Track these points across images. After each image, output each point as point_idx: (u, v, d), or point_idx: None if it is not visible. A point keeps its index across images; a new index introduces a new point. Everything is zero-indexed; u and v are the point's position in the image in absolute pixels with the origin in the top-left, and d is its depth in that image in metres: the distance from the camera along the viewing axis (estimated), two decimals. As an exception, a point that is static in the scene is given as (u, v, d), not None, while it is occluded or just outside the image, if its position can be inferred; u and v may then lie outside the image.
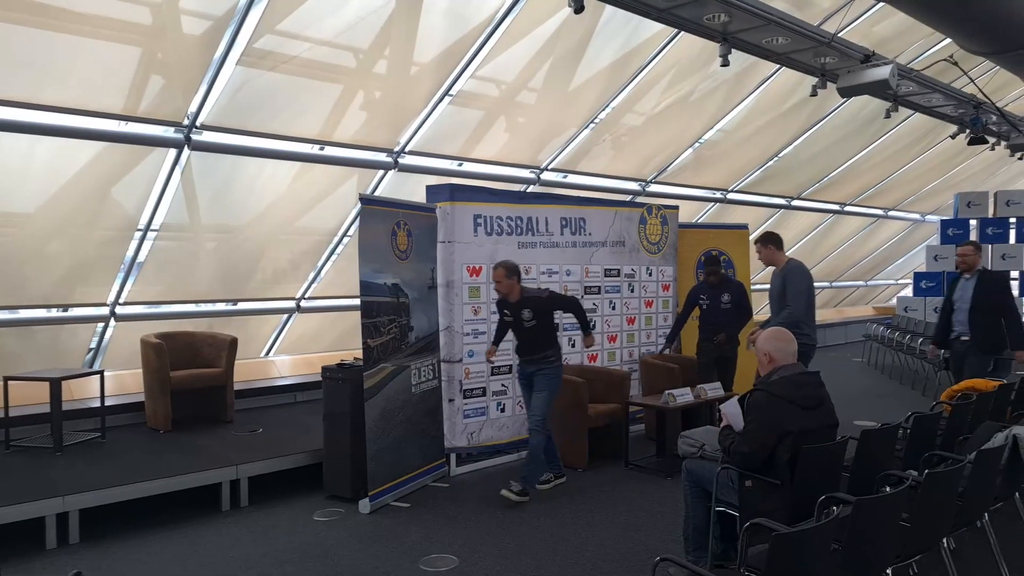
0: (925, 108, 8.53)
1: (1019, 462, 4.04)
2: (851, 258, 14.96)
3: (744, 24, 5.51)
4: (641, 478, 5.75)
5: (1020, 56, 5.97)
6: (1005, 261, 13.08)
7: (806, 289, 5.58)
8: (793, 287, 5.57)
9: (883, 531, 2.99)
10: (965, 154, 11.82)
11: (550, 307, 5.34)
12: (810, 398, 3.58)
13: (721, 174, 9.85)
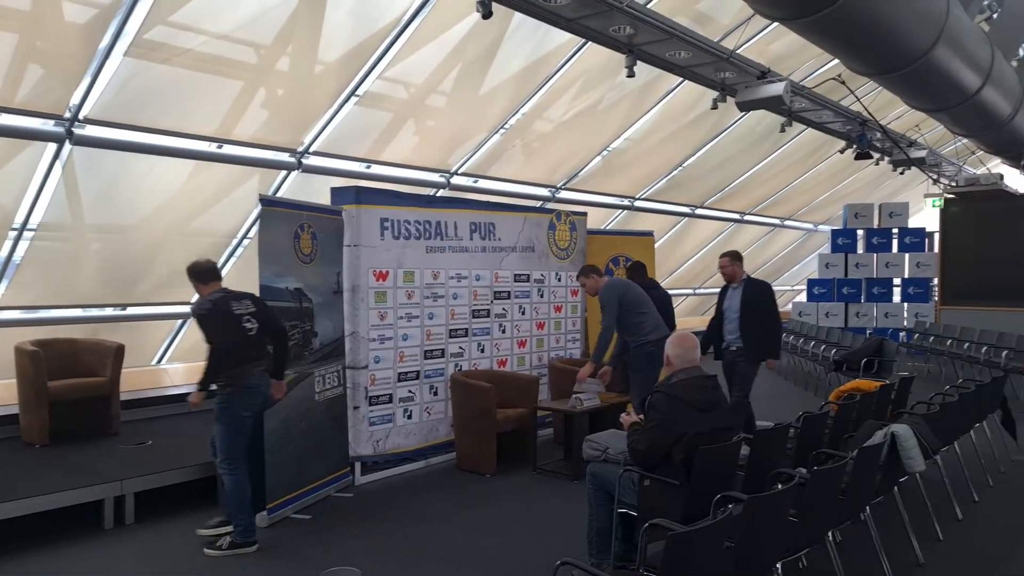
0: (816, 124, 9.00)
1: (897, 458, 4.29)
2: (751, 265, 15.60)
3: (648, 37, 5.65)
4: (549, 482, 5.78)
5: (900, 77, 6.35)
6: (889, 269, 14.00)
7: (614, 305, 5.73)
8: (602, 302, 5.84)
9: (773, 527, 3.10)
10: (853, 168, 12.54)
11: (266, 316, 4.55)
12: (706, 401, 3.71)
13: (628, 182, 10.08)
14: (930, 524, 4.64)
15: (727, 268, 6.28)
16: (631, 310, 5.79)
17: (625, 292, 5.85)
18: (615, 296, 5.78)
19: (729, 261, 6.31)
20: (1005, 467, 6.11)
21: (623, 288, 5.91)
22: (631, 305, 5.80)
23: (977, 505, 5.24)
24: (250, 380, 4.36)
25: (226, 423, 4.36)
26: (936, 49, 5.90)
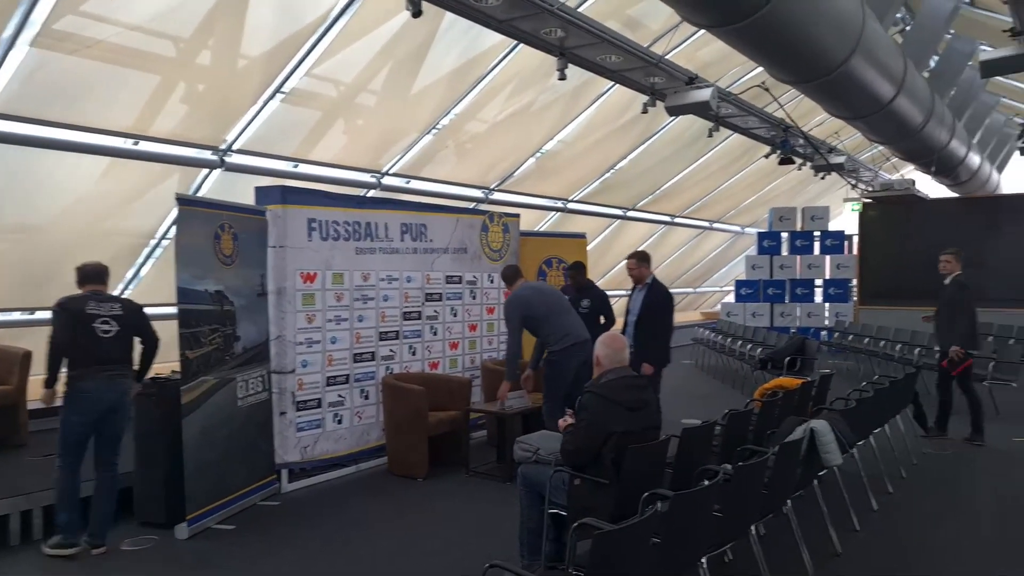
0: (742, 129, 9.26)
1: (817, 453, 4.44)
2: (682, 266, 15.96)
3: (580, 41, 5.70)
4: (482, 485, 5.75)
5: (819, 86, 6.58)
6: (811, 270, 14.51)
7: (516, 323, 5.68)
8: (505, 318, 5.86)
9: (698, 522, 3.15)
10: (777, 172, 12.97)
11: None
12: (635, 400, 3.75)
13: (562, 184, 10.15)
14: (848, 515, 4.80)
15: (634, 270, 6.18)
16: (537, 321, 5.69)
17: (527, 308, 5.70)
18: (517, 314, 5.68)
19: (636, 263, 6.19)
20: (917, 459, 6.39)
21: (524, 305, 5.72)
22: (535, 318, 5.69)
23: (891, 496, 5.46)
24: (85, 383, 4.20)
25: (60, 422, 4.25)
26: (853, 59, 6.14)
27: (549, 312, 5.69)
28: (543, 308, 5.69)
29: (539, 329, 5.73)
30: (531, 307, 5.69)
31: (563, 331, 5.64)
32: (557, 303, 5.84)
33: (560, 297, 5.99)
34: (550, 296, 5.90)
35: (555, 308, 5.75)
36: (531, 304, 5.71)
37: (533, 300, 5.74)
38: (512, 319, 5.69)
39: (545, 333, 5.68)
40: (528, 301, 5.74)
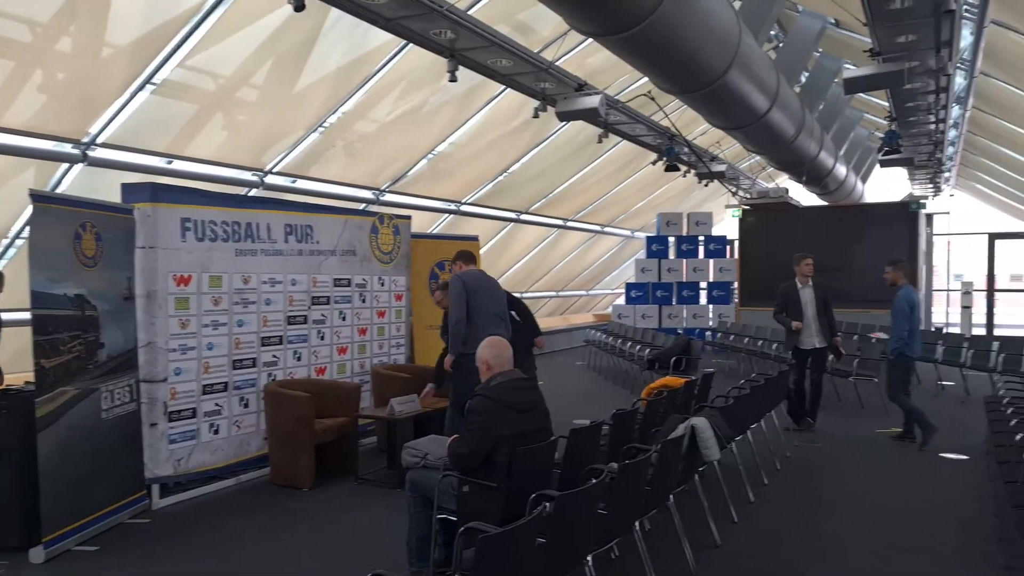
0: (631, 136, 9.52)
1: (697, 449, 4.59)
2: (574, 269, 16.25)
3: (470, 43, 5.68)
4: (371, 492, 5.61)
5: (700, 96, 6.85)
6: (696, 273, 15.13)
7: (460, 295, 5.61)
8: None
9: (583, 521, 3.18)
10: (664, 179, 13.41)
11: None
12: (525, 402, 3.76)
13: (454, 186, 10.10)
14: (726, 508, 5.00)
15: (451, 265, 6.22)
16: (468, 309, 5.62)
17: (467, 288, 5.59)
18: (459, 287, 5.56)
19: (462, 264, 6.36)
20: (790, 452, 6.75)
21: (464, 285, 5.61)
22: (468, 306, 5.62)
23: (767, 487, 5.73)
24: None
25: None
26: (731, 72, 6.43)
27: (479, 307, 5.61)
28: (475, 301, 5.61)
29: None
30: (469, 292, 5.60)
31: (484, 334, 5.58)
32: (491, 304, 5.76)
33: (498, 302, 5.87)
34: (489, 295, 5.80)
35: (486, 308, 5.68)
36: (470, 290, 5.62)
37: (473, 287, 5.66)
38: (455, 292, 5.58)
39: (465, 329, 5.57)
40: (469, 285, 5.65)
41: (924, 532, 4.86)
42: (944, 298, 18.06)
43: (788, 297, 7.64)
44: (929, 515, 5.18)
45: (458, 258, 5.93)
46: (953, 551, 4.54)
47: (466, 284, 5.60)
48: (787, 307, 7.61)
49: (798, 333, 7.52)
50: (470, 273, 5.76)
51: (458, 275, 5.73)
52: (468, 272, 5.76)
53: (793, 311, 7.54)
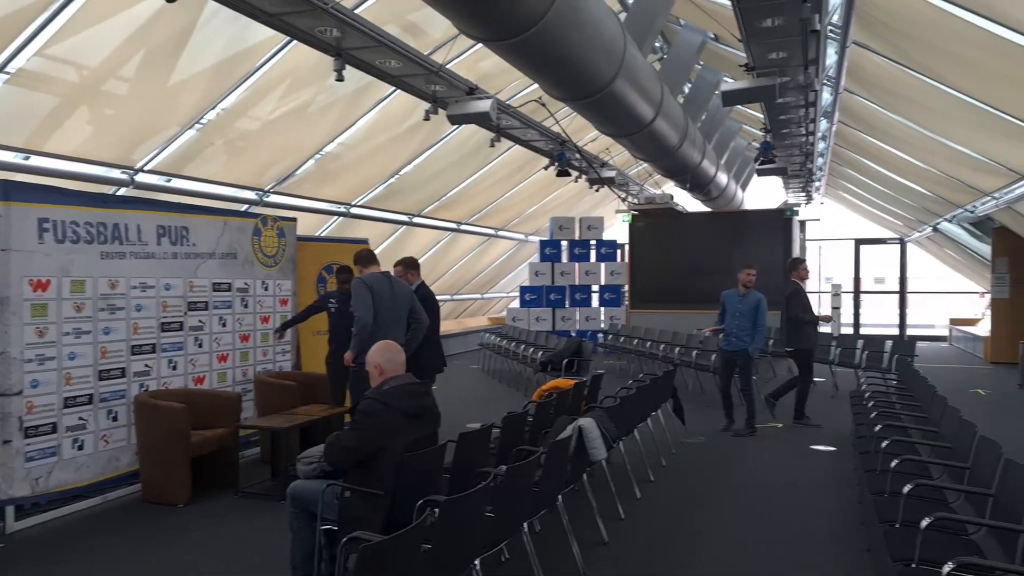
0: (523, 141, 9.61)
1: (584, 449, 4.67)
2: (469, 273, 16.24)
3: (357, 43, 5.56)
4: (253, 506, 5.37)
5: (588, 104, 6.98)
6: (588, 277, 15.47)
7: (364, 295, 5.52)
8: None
9: (470, 525, 3.16)
10: (557, 184, 13.62)
11: None
12: (416, 407, 3.71)
13: (344, 188, 9.85)
14: (614, 506, 5.11)
15: (401, 276, 6.21)
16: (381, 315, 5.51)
17: (371, 291, 5.48)
18: (364, 291, 5.44)
19: (403, 269, 6.29)
20: (676, 448, 6.99)
21: (369, 288, 5.49)
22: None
23: (653, 484, 5.91)
24: None
25: None
26: (617, 82, 6.59)
27: (380, 312, 5.48)
28: (379, 304, 5.48)
29: None
30: (373, 296, 5.47)
31: (385, 338, 5.45)
32: (394, 308, 5.64)
33: (401, 306, 5.74)
34: (392, 299, 5.66)
35: (389, 313, 5.57)
36: (373, 293, 5.49)
37: (377, 289, 5.52)
38: (358, 294, 5.45)
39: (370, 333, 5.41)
40: (372, 288, 5.52)
41: (798, 519, 5.14)
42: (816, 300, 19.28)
43: (805, 299, 8.20)
44: (802, 503, 5.49)
45: (359, 260, 5.82)
46: (823, 536, 4.82)
47: (369, 285, 5.51)
48: (807, 308, 8.14)
49: (812, 334, 8.12)
50: (373, 276, 5.67)
51: (361, 278, 5.63)
52: (371, 275, 5.68)
53: (811, 311, 8.13)
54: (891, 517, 3.49)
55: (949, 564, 2.57)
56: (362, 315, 5.41)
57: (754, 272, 7.94)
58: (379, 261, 5.93)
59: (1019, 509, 2.99)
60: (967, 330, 16.46)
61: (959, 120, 8.13)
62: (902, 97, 8.77)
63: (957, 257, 16.99)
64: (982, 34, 5.76)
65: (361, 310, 5.42)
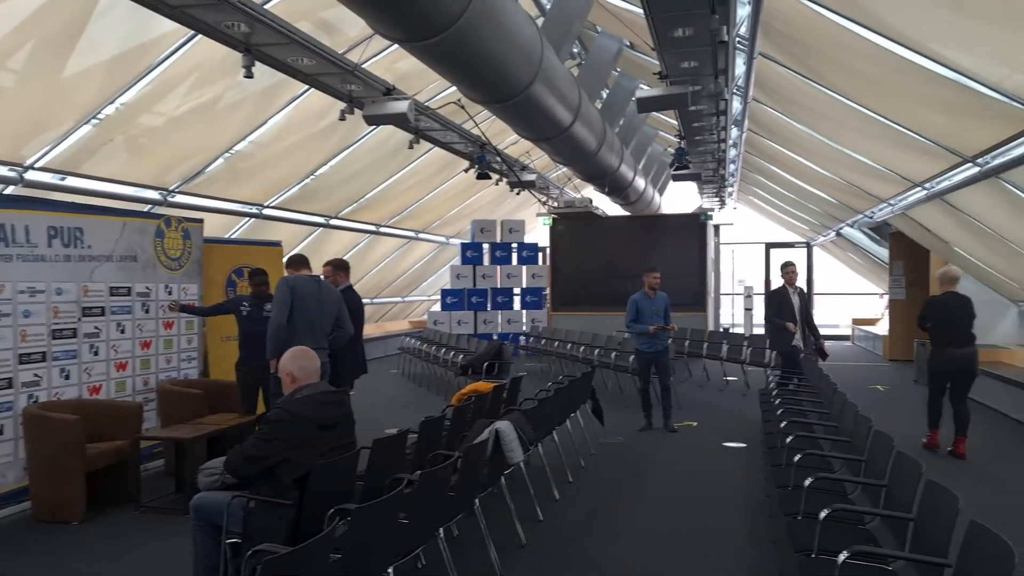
0: (443, 143, 9.55)
1: (502, 452, 4.65)
2: (389, 275, 16.02)
3: (267, 39, 5.39)
4: (156, 520, 5.12)
5: (506, 107, 6.99)
6: (510, 279, 15.53)
7: (284, 297, 5.43)
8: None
9: (382, 533, 3.09)
10: (478, 186, 13.61)
11: None
12: (330, 417, 3.61)
13: (257, 188, 9.53)
14: (533, 508, 5.12)
15: (329, 276, 6.23)
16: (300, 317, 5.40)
17: (292, 292, 5.39)
18: (284, 293, 5.35)
19: (332, 270, 6.30)
20: (595, 449, 7.07)
21: (290, 289, 5.41)
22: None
23: (572, 485, 5.95)
24: None
25: None
26: (534, 86, 6.63)
27: (303, 315, 5.37)
28: (302, 306, 5.37)
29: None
30: (294, 298, 5.36)
31: (299, 343, 5.26)
32: (321, 312, 5.53)
33: (328, 312, 5.61)
34: (318, 304, 5.53)
35: (313, 316, 5.45)
36: (295, 294, 5.38)
37: (301, 291, 5.40)
38: (277, 294, 5.37)
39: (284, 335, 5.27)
40: (294, 289, 5.40)
41: (711, 514, 5.28)
42: (730, 301, 19.96)
43: (782, 301, 8.10)
44: (715, 499, 5.64)
45: (290, 264, 5.74)
46: (735, 530, 4.96)
47: (293, 289, 5.39)
48: (780, 311, 8.05)
49: (791, 336, 7.99)
50: (299, 279, 5.55)
51: (285, 279, 5.53)
52: (297, 277, 5.56)
53: (787, 314, 7.99)
54: (794, 509, 3.61)
55: (844, 553, 2.67)
56: (275, 315, 5.34)
57: (659, 274, 8.09)
58: (311, 267, 5.81)
59: (908, 498, 3.14)
60: (868, 329, 17.35)
61: (859, 131, 8.56)
62: (806, 108, 9.18)
63: (858, 260, 17.92)
64: (877, 49, 6.08)
65: (275, 311, 5.35)
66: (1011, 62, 5.51)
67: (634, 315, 7.96)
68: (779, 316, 8.05)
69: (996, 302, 10.83)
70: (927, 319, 6.92)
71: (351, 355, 6.12)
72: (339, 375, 5.79)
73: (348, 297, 6.12)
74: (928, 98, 6.65)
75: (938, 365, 6.86)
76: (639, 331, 7.93)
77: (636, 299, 8.05)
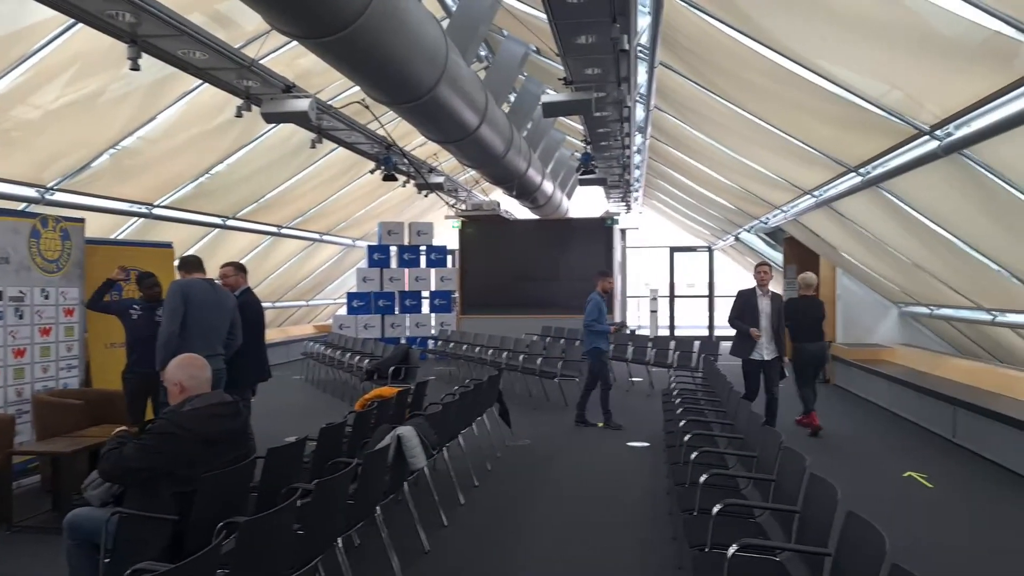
0: (347, 143, 9.34)
1: (404, 458, 4.58)
2: (292, 279, 15.54)
3: (155, 30, 5.12)
4: (30, 541, 4.78)
5: (411, 109, 6.88)
6: (418, 283, 15.39)
7: (176, 304, 5.15)
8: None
9: (275, 545, 2.98)
10: (385, 188, 13.38)
11: None
12: (220, 432, 3.44)
13: (146, 187, 9.01)
14: (437, 513, 5.06)
15: (229, 278, 6.03)
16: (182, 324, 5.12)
17: (185, 298, 5.11)
18: (177, 300, 5.06)
19: (233, 270, 6.11)
20: (501, 452, 7.07)
21: (184, 295, 5.13)
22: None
23: (478, 489, 5.93)
24: None
25: None
26: (439, 87, 6.56)
27: (197, 321, 5.09)
28: (197, 313, 5.09)
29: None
30: (188, 304, 5.08)
31: (196, 351, 4.98)
32: (217, 318, 5.27)
33: (223, 318, 5.34)
34: (216, 307, 5.26)
35: (209, 323, 5.19)
36: (190, 301, 5.09)
37: (195, 297, 5.11)
38: (169, 302, 5.10)
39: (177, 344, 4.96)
40: (190, 297, 5.10)
41: (615, 513, 5.36)
42: (636, 304, 20.48)
43: (746, 303, 7.37)
44: (618, 498, 5.74)
45: (183, 265, 5.43)
46: (637, 527, 5.06)
47: (185, 294, 5.10)
48: (744, 314, 7.34)
49: (753, 343, 7.26)
50: (193, 283, 5.25)
51: (178, 283, 5.23)
52: (191, 282, 5.26)
53: (750, 319, 7.27)
54: (690, 506, 3.71)
55: (733, 547, 2.75)
56: (167, 324, 5.06)
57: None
58: (205, 269, 5.52)
59: (794, 492, 3.27)
60: (764, 329, 18.10)
61: (753, 141, 8.95)
62: (705, 117, 9.52)
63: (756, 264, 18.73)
64: (770, 64, 6.37)
65: (167, 319, 5.07)
66: (890, 79, 5.89)
67: (597, 315, 8.22)
68: (742, 320, 7.36)
69: (879, 304, 11.56)
70: (786, 318, 7.75)
71: (253, 359, 5.88)
72: (240, 380, 5.56)
73: (247, 300, 5.88)
74: (816, 111, 7.02)
75: (797, 357, 8.12)
76: (603, 330, 8.23)
77: (598, 300, 8.31)
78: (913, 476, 6.21)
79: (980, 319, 8.56)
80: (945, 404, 7.60)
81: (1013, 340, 8.53)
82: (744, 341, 7.37)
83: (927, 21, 4.82)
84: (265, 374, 6.23)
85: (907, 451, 7.22)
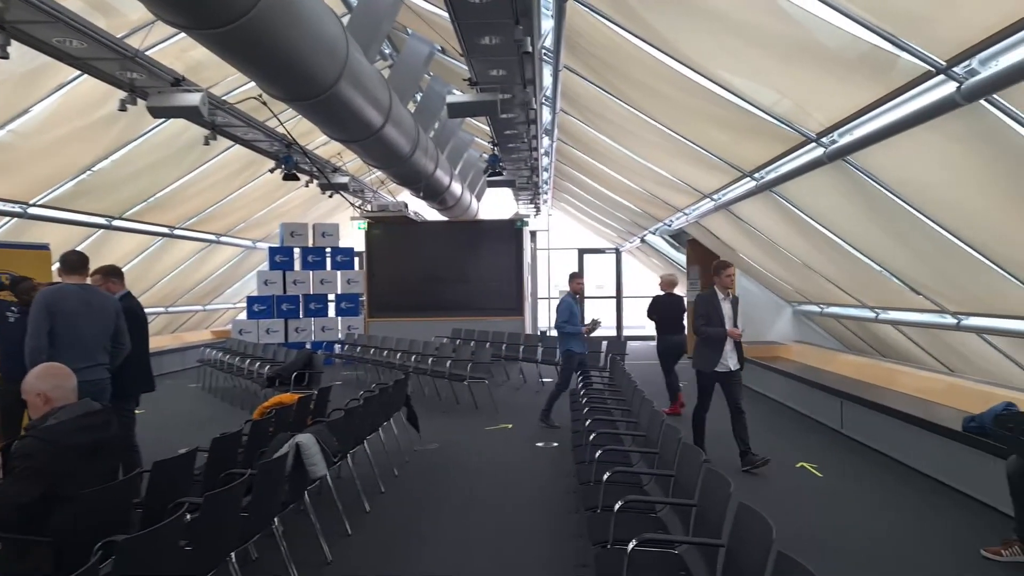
0: (244, 141, 8.98)
1: (303, 467, 4.41)
2: (186, 282, 14.81)
3: (26, 15, 4.78)
4: None
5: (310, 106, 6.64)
6: (324, 285, 14.99)
7: (39, 318, 4.72)
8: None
9: (158, 564, 2.79)
10: (288, 188, 12.97)
11: None
12: (92, 443, 3.22)
13: (20, 184, 8.35)
14: (341, 522, 4.90)
15: (100, 286, 5.44)
16: (53, 334, 4.68)
17: (52, 307, 4.66)
18: (42, 311, 4.62)
19: (102, 278, 5.53)
20: (408, 457, 6.95)
21: (51, 303, 4.68)
22: (52, 330, 4.67)
23: (384, 495, 5.79)
24: None
25: None
26: (340, 85, 6.36)
27: (70, 331, 4.68)
28: (67, 323, 4.68)
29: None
30: (53, 315, 4.65)
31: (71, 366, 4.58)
32: (93, 326, 4.85)
33: (102, 324, 4.91)
34: (89, 315, 4.83)
35: (84, 332, 4.78)
36: (55, 312, 4.66)
37: (63, 308, 4.69)
38: (32, 315, 4.65)
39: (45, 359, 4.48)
40: (55, 306, 4.67)
41: (521, 514, 5.35)
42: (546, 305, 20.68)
43: (712, 308, 6.45)
44: (526, 498, 5.73)
45: (64, 265, 4.96)
46: (543, 527, 5.07)
47: (49, 305, 4.66)
48: (711, 319, 6.44)
49: (720, 354, 6.39)
50: (60, 292, 4.79)
51: (42, 293, 4.77)
52: (58, 290, 4.81)
53: (717, 324, 6.42)
54: (594, 503, 3.73)
55: (632, 542, 2.77)
56: (32, 339, 4.58)
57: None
58: (88, 270, 5.07)
59: (692, 486, 3.34)
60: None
61: (656, 145, 9.19)
62: (609, 121, 9.70)
63: (661, 265, 19.31)
64: (669, 70, 6.54)
65: (31, 335, 4.60)
66: (781, 88, 6.16)
67: (567, 316, 8.30)
68: (710, 326, 6.46)
69: (774, 303, 12.10)
70: (652, 313, 9.15)
71: (136, 369, 5.49)
72: (122, 391, 5.19)
73: (126, 306, 5.44)
74: (714, 118, 7.26)
75: (662, 348, 9.19)
76: (575, 332, 8.33)
77: (569, 302, 8.41)
78: (805, 466, 6.51)
79: (865, 316, 9.11)
80: (834, 397, 8.02)
81: (894, 336, 9.13)
82: (712, 352, 6.42)
83: (812, 34, 5.06)
84: (149, 385, 5.81)
85: (799, 443, 7.57)
